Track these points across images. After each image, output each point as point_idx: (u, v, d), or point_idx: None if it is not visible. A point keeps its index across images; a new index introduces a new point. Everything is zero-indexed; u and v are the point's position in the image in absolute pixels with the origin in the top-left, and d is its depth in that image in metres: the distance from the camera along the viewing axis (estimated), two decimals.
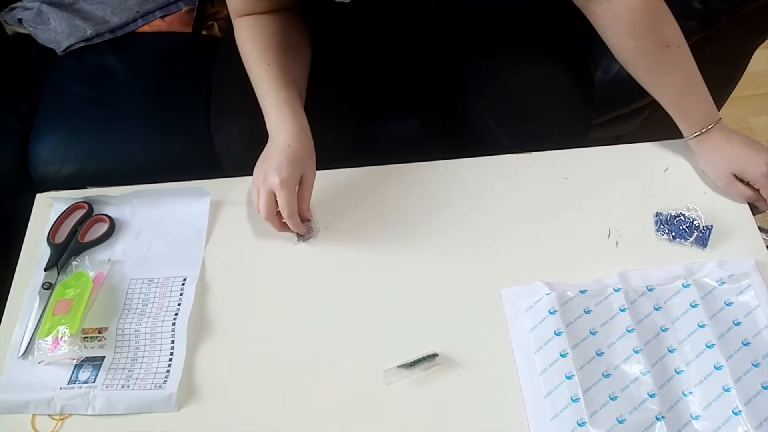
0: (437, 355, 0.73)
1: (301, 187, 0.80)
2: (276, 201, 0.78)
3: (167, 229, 0.86)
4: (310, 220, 0.83)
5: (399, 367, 0.72)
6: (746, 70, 1.20)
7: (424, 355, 0.73)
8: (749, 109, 1.69)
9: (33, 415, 0.72)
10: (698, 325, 0.73)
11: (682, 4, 0.97)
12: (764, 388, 0.69)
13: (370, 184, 0.87)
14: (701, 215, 0.81)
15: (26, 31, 1.20)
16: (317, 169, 0.82)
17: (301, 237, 0.83)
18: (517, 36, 0.97)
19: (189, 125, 1.09)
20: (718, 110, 0.84)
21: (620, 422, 0.68)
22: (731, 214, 0.82)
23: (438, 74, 1.01)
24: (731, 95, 1.25)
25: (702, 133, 0.82)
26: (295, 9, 0.89)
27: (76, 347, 0.75)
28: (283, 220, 0.80)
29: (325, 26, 0.93)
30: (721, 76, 1.13)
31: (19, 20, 1.20)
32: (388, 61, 1.01)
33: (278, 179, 0.76)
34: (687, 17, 0.96)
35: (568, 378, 0.70)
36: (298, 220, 0.79)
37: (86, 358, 0.75)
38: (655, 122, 0.86)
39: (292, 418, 0.71)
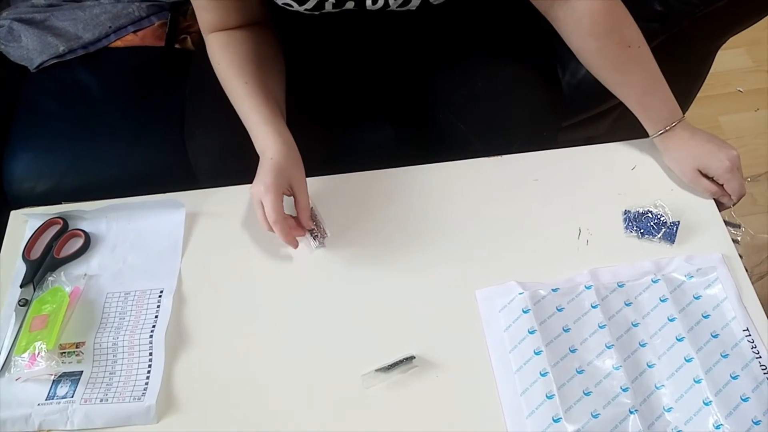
0: (414, 358, 0.74)
1: (295, 198, 0.81)
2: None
3: (143, 241, 0.86)
4: (313, 228, 0.84)
5: (377, 370, 0.73)
6: (714, 70, 1.23)
7: (402, 358, 0.74)
8: (718, 108, 1.72)
9: None
10: (668, 318, 0.75)
11: (644, 7, 0.99)
12: (733, 378, 0.71)
13: (343, 191, 0.88)
14: (668, 211, 0.83)
15: None
16: None
17: (315, 241, 0.83)
18: (486, 42, 0.99)
19: (163, 138, 1.09)
20: (686, 110, 0.86)
21: (595, 417, 0.69)
22: (697, 210, 0.84)
23: (409, 81, 1.02)
24: (700, 95, 1.28)
25: (666, 130, 0.84)
26: (265, 22, 0.90)
27: (54, 362, 0.75)
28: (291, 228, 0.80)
29: (297, 38, 0.94)
30: (686, 76, 1.16)
31: None
32: (360, 70, 1.02)
33: (262, 187, 0.77)
34: (649, 19, 0.98)
35: (542, 375, 0.71)
36: (284, 226, 0.78)
37: (64, 373, 0.75)
38: (624, 123, 0.88)
39: (272, 425, 0.72)
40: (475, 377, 0.73)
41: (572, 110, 1.14)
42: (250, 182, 0.88)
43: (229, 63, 0.84)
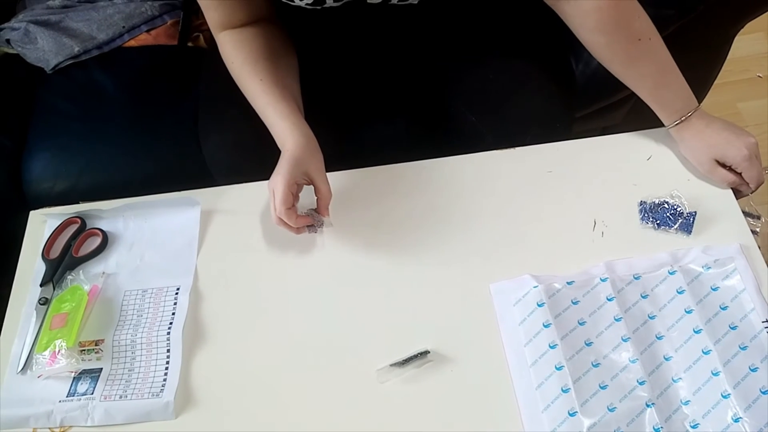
0: (429, 352, 0.74)
1: (314, 187, 0.81)
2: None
3: (159, 239, 0.87)
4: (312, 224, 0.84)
5: (391, 365, 0.73)
6: (731, 55, 1.20)
7: (416, 353, 0.74)
8: (736, 94, 1.69)
9: (33, 429, 0.74)
10: (685, 311, 0.74)
11: None
12: (752, 370, 0.70)
13: (357, 186, 0.88)
14: (685, 202, 0.82)
15: (15, 52, 1.21)
16: None
17: (310, 228, 0.84)
18: (497, 34, 0.98)
19: (178, 136, 1.10)
20: (704, 97, 0.85)
21: (611, 410, 0.68)
22: (714, 200, 0.83)
23: (421, 75, 1.02)
24: (718, 81, 1.26)
25: (681, 121, 0.83)
26: (273, 19, 0.90)
27: (74, 360, 0.76)
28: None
29: (305, 34, 0.94)
30: (703, 62, 1.14)
31: (7, 41, 1.21)
32: (371, 65, 1.02)
33: (277, 178, 0.77)
34: (664, 6, 0.97)
35: (558, 369, 0.71)
36: (291, 215, 0.78)
37: (84, 370, 0.77)
38: (641, 111, 0.87)
39: (288, 420, 0.72)
40: (489, 371, 0.73)
41: (586, 101, 1.12)
42: (265, 179, 0.88)
43: (243, 61, 0.85)
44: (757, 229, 0.92)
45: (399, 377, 0.73)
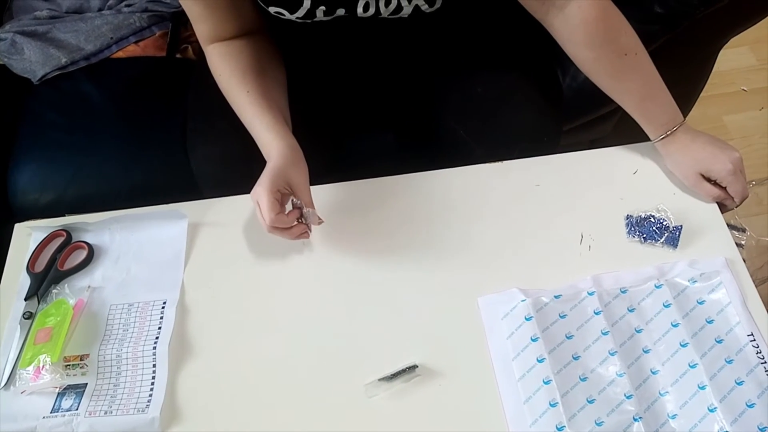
0: (417, 367, 0.74)
1: (296, 197, 0.80)
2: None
3: (146, 252, 0.86)
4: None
5: (379, 380, 0.73)
6: (717, 69, 1.22)
7: (404, 367, 0.74)
8: (722, 107, 1.71)
9: None
10: (672, 324, 0.75)
11: (644, 10, 0.99)
12: (738, 384, 0.70)
13: (345, 198, 0.88)
14: (671, 216, 0.83)
15: (1, 62, 1.21)
16: None
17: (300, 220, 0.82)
18: (486, 49, 0.99)
19: (166, 148, 1.10)
20: (690, 110, 0.86)
21: (598, 425, 0.69)
22: (700, 214, 0.84)
23: (410, 89, 1.02)
24: (703, 94, 1.27)
25: (667, 135, 0.84)
26: (262, 32, 0.90)
27: (58, 375, 0.75)
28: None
29: (295, 47, 0.95)
30: (687, 78, 1.15)
31: None
32: (360, 78, 1.02)
33: (258, 189, 0.77)
34: (649, 22, 0.98)
35: (545, 383, 0.71)
36: (282, 218, 0.77)
37: (69, 385, 0.76)
38: (629, 124, 0.88)
39: None
40: (478, 386, 0.73)
41: (574, 114, 1.13)
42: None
43: (231, 74, 0.85)
44: (743, 242, 0.93)
45: (387, 392, 0.73)
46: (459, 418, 0.71)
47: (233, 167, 0.94)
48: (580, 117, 1.16)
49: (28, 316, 0.81)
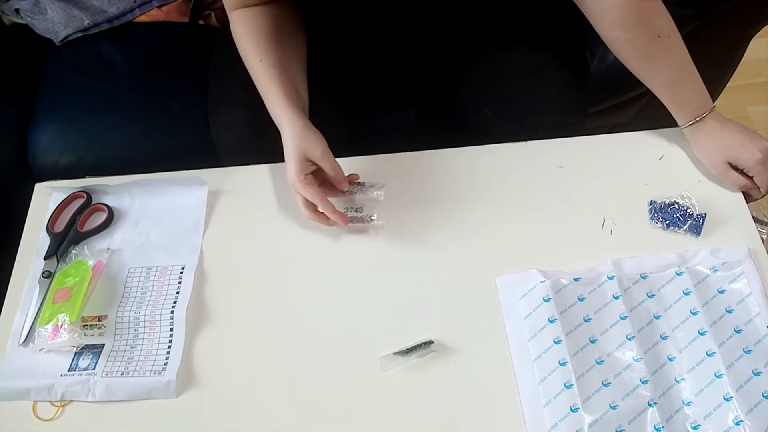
0: (433, 342, 0.74)
1: (321, 166, 0.80)
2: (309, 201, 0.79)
3: (165, 218, 0.87)
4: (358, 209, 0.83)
5: (395, 354, 0.73)
6: (744, 59, 1.20)
7: (420, 342, 0.74)
8: (747, 98, 1.68)
9: (34, 401, 0.74)
10: (691, 312, 0.74)
11: None
12: (755, 374, 0.70)
13: (366, 173, 0.88)
14: (695, 203, 0.82)
15: (24, 22, 1.20)
16: None
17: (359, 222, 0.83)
18: (513, 25, 0.97)
19: (186, 115, 1.09)
20: (715, 99, 0.84)
21: (613, 408, 0.69)
22: (725, 202, 0.83)
23: (433, 64, 1.01)
24: (729, 84, 1.25)
25: (696, 121, 0.82)
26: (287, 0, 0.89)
27: (76, 335, 0.76)
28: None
29: (319, 18, 0.93)
30: (717, 65, 1.13)
31: (17, 10, 1.20)
32: (383, 51, 1.01)
33: (290, 183, 0.79)
34: (682, 5, 0.96)
35: (561, 365, 0.71)
36: (331, 207, 0.79)
37: (86, 345, 0.76)
38: (651, 111, 0.86)
39: (289, 404, 0.72)
40: (493, 364, 0.73)
41: (600, 96, 1.12)
42: (272, 160, 0.89)
43: (248, 40, 0.85)
44: (764, 236, 0.92)
45: (402, 366, 0.73)
46: (473, 394, 0.71)
47: (253, 135, 0.93)
48: (606, 100, 1.14)
49: (48, 275, 0.81)
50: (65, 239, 0.84)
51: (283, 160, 0.81)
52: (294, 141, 0.79)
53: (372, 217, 0.83)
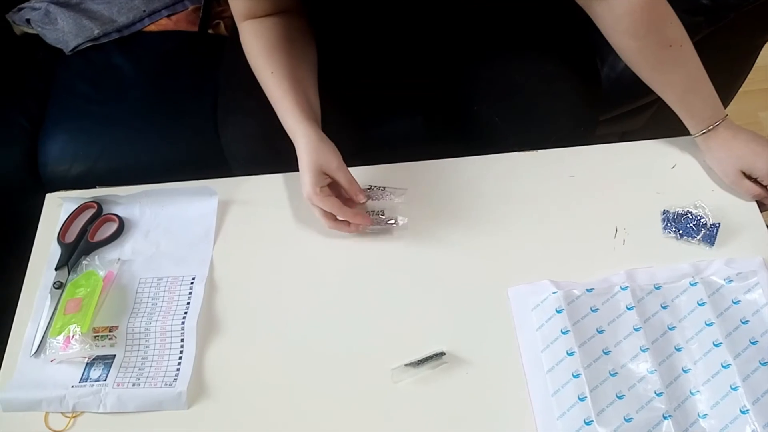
0: (444, 354, 0.73)
1: (340, 185, 0.80)
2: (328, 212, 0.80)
3: (176, 228, 0.87)
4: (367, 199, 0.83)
5: (406, 365, 0.73)
6: (755, 65, 1.19)
7: (432, 354, 0.73)
8: (758, 103, 1.67)
9: (46, 412, 0.73)
10: (705, 323, 0.73)
11: (690, 0, 0.96)
12: None
13: (374, 182, 0.88)
14: (708, 213, 0.81)
15: (34, 32, 1.21)
16: None
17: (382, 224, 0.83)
18: (523, 34, 0.97)
19: (196, 124, 1.10)
20: (727, 105, 0.84)
21: (627, 421, 0.68)
22: (739, 212, 0.82)
23: (443, 72, 1.01)
24: (740, 89, 1.24)
25: (709, 130, 0.82)
26: (297, 10, 0.89)
27: (87, 346, 0.76)
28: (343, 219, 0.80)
29: (329, 26, 0.93)
30: (729, 71, 1.12)
31: (27, 20, 1.20)
32: (393, 60, 1.01)
33: (306, 196, 0.79)
34: (694, 13, 0.96)
35: (575, 377, 0.70)
36: (351, 212, 0.79)
37: (97, 356, 0.76)
38: (662, 118, 0.86)
39: (300, 416, 0.72)
40: (505, 376, 0.72)
41: (610, 104, 1.11)
42: (283, 170, 0.89)
43: (259, 52, 0.85)
44: None
45: (413, 377, 0.73)
46: (485, 407, 0.71)
47: (263, 145, 0.93)
48: (616, 107, 1.14)
49: (59, 285, 0.81)
50: (76, 249, 0.84)
51: (292, 170, 0.80)
52: (309, 154, 0.78)
53: (392, 221, 0.83)
